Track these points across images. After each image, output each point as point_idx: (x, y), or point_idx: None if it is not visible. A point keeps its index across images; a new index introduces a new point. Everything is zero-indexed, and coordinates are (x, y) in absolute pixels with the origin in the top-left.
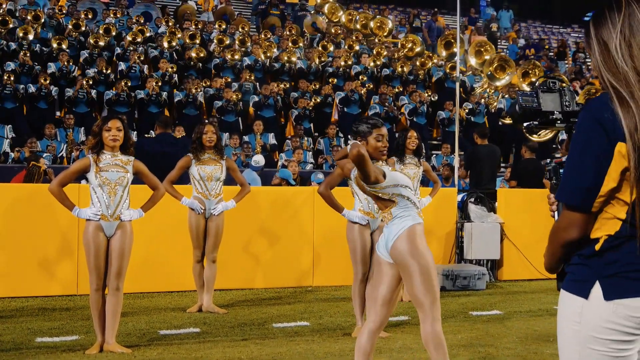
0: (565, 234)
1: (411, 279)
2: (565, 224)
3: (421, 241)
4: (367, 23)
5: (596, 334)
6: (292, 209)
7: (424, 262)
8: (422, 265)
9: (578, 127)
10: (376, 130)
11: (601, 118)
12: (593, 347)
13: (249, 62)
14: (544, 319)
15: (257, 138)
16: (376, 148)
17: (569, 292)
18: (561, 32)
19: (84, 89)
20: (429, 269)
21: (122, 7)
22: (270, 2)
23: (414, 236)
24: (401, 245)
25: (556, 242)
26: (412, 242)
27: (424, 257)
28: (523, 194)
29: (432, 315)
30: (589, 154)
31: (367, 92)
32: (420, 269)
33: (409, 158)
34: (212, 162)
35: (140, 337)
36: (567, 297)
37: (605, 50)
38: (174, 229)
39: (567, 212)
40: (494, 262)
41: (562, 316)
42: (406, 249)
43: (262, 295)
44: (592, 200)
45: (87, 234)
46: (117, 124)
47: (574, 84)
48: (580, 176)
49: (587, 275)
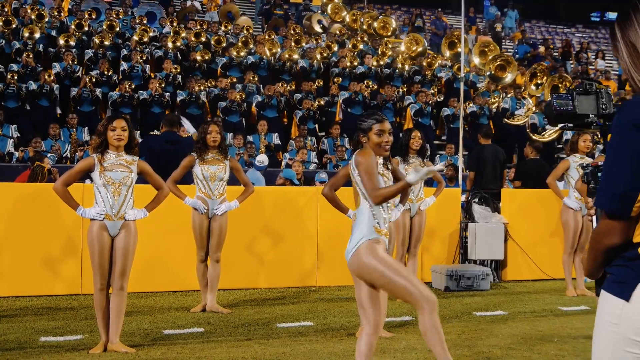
0: (606, 239)
1: (384, 288)
2: (606, 230)
3: (370, 252)
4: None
5: (634, 336)
6: (296, 209)
7: (378, 272)
8: (378, 275)
9: (613, 130)
10: (376, 125)
11: (636, 120)
12: (628, 350)
13: (253, 60)
14: (548, 319)
15: (261, 138)
16: (377, 143)
17: (609, 292)
18: (565, 32)
19: (88, 87)
20: (390, 275)
21: (127, 6)
22: (274, 2)
23: (361, 251)
24: (352, 261)
25: (597, 248)
26: (360, 257)
27: (377, 267)
28: (527, 195)
29: (422, 306)
30: (626, 158)
31: (371, 93)
32: (378, 276)
33: (412, 158)
34: (216, 162)
35: (144, 336)
36: (607, 298)
37: (634, 52)
38: (178, 228)
39: (607, 218)
40: (498, 263)
41: (600, 316)
42: (355, 265)
43: (265, 295)
44: (631, 205)
45: (92, 234)
46: (122, 124)
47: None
48: (618, 181)
49: (628, 277)
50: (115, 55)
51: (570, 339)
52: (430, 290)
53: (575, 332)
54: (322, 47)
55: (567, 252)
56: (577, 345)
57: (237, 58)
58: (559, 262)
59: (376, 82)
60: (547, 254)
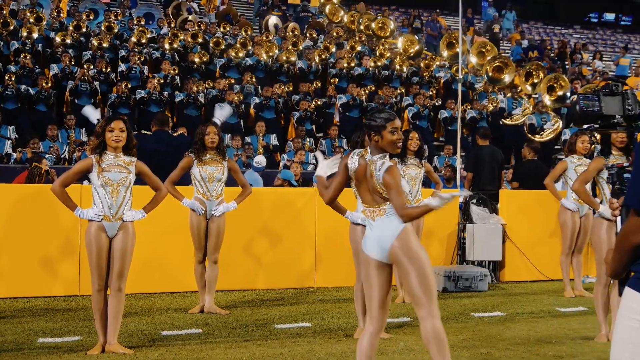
0: (634, 237)
1: (409, 277)
2: (635, 228)
3: (415, 240)
4: (369, 24)
5: None
6: (294, 210)
7: (421, 260)
8: (421, 263)
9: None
10: (390, 123)
11: None
12: None
13: (250, 62)
14: (546, 320)
15: (259, 139)
16: (392, 141)
17: (633, 289)
18: (563, 33)
19: (86, 78)
20: (426, 267)
21: (125, 7)
22: (272, 4)
23: (410, 235)
24: (400, 244)
25: (624, 247)
26: (410, 241)
27: (421, 255)
28: (525, 195)
29: (431, 312)
30: None
31: (369, 94)
32: (418, 266)
33: (410, 159)
34: (214, 162)
35: (142, 337)
36: (631, 294)
37: None
38: (176, 229)
39: (636, 217)
40: (496, 264)
41: (622, 312)
42: (405, 247)
43: (263, 296)
44: None
45: (89, 235)
46: (120, 125)
47: (575, 84)
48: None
49: None
50: (113, 57)
51: (568, 340)
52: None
53: (573, 333)
54: (320, 49)
55: (565, 252)
56: (574, 346)
57: (235, 59)
58: (557, 263)
59: (374, 84)
60: (545, 255)
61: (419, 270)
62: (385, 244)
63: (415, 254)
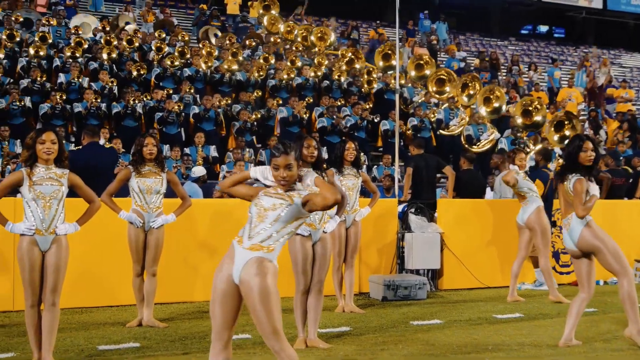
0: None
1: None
2: None
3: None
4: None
5: None
6: (233, 221)
7: (610, 243)
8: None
9: None
10: (272, 159)
11: None
12: None
13: (189, 72)
14: (483, 327)
15: (198, 150)
16: (274, 176)
17: None
18: (499, 45)
19: (16, 100)
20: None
21: (60, 17)
22: (211, 14)
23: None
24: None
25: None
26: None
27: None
28: (462, 204)
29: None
30: None
31: (308, 105)
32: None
33: (347, 169)
34: (153, 174)
35: (79, 353)
36: None
37: None
38: (113, 242)
39: None
40: (435, 272)
41: None
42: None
43: (202, 308)
44: None
45: (22, 249)
46: (51, 137)
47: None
48: None
49: None
50: (49, 65)
51: (505, 346)
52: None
53: (509, 339)
54: (258, 62)
55: (545, 255)
56: (510, 352)
57: (171, 68)
58: (494, 271)
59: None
60: (482, 263)
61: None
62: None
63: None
